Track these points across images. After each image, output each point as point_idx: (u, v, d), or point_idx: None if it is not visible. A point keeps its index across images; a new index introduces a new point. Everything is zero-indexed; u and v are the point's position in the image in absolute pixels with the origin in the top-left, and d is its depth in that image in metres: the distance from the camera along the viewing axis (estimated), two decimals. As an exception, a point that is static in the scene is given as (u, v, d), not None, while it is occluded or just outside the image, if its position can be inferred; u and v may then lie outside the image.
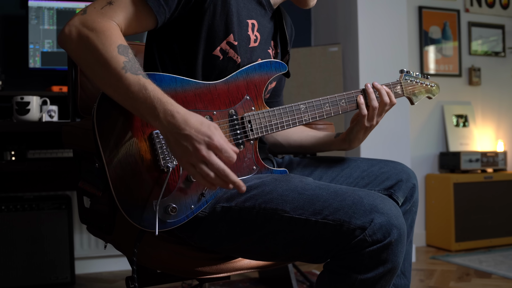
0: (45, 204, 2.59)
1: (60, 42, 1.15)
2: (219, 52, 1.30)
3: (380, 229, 1.08)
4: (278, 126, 1.33)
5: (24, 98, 2.29)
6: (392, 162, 1.51)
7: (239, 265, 1.35)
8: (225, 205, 1.23)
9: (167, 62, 1.32)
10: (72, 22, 1.13)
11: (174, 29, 1.29)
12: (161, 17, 1.20)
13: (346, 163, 1.52)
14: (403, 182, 1.45)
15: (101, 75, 1.11)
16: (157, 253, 1.32)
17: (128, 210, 1.15)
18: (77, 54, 1.13)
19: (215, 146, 1.06)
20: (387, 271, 1.11)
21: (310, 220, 1.13)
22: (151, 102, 1.08)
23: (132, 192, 1.15)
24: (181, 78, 1.22)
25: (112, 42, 1.10)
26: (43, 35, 2.78)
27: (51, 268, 2.59)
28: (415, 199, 1.49)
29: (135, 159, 1.16)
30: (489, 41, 4.15)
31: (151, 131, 1.18)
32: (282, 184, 1.21)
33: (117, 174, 1.14)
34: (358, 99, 1.40)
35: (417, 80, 1.54)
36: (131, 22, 1.18)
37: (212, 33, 1.28)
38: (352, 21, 3.24)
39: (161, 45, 1.33)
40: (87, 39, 1.10)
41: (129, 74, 1.09)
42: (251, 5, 1.36)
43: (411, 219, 1.50)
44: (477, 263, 3.18)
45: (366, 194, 1.14)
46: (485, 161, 3.78)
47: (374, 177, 1.47)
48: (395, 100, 1.43)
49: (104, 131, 1.15)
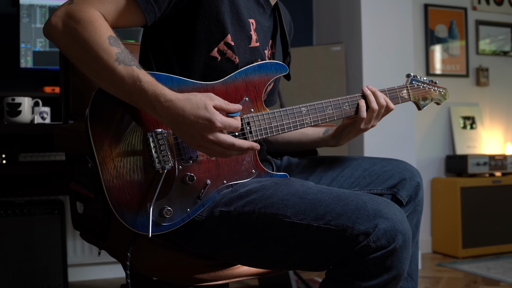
0: (37, 209, 2.58)
1: (46, 33, 1.15)
2: (216, 53, 1.30)
3: (385, 234, 1.08)
4: (278, 128, 1.32)
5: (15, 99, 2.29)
6: (394, 160, 1.51)
7: (238, 272, 1.35)
8: (224, 210, 1.23)
9: (161, 65, 1.32)
10: (58, 12, 1.13)
11: (168, 29, 1.29)
12: (150, 15, 1.20)
13: (347, 162, 1.52)
14: (407, 180, 1.46)
15: (94, 68, 1.11)
16: (153, 259, 1.32)
17: (121, 212, 1.15)
18: (64, 45, 1.13)
19: (218, 127, 1.10)
20: (391, 278, 1.11)
21: (312, 226, 1.13)
22: (145, 94, 1.09)
23: (125, 194, 1.15)
24: (178, 78, 1.22)
25: (102, 34, 1.10)
26: (35, 34, 2.78)
27: (43, 275, 2.59)
28: (420, 198, 1.49)
29: (130, 160, 1.16)
30: (498, 40, 4.15)
31: (146, 132, 1.18)
32: (283, 188, 1.21)
33: (110, 175, 1.14)
34: (360, 102, 1.41)
35: (425, 84, 1.55)
36: (119, 15, 1.18)
37: (209, 33, 1.28)
38: (355, 19, 3.24)
39: (156, 47, 1.33)
40: (75, 31, 1.10)
41: (122, 66, 1.09)
42: (249, 3, 1.36)
43: (417, 219, 1.50)
44: (485, 270, 3.18)
45: (370, 199, 1.14)
46: (493, 165, 3.77)
47: (376, 176, 1.47)
48: (393, 105, 1.44)
49: (98, 131, 1.15)
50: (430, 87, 1.56)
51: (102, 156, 1.14)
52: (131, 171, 1.16)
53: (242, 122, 1.28)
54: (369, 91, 1.42)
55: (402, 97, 1.50)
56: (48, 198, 2.82)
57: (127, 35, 2.85)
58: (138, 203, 1.16)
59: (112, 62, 1.09)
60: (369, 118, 1.41)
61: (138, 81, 1.09)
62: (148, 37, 1.35)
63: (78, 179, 1.21)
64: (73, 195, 1.59)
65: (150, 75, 1.17)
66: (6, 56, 2.94)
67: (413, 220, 1.48)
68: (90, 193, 1.25)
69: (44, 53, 2.80)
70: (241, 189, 1.25)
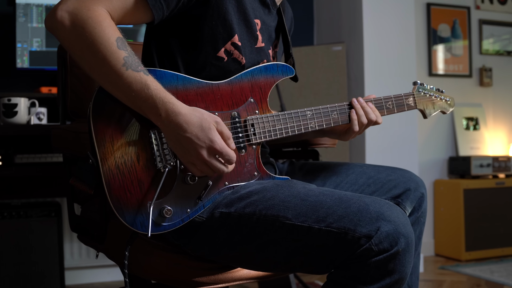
0: (33, 211, 2.58)
1: (49, 27, 1.13)
2: (223, 53, 1.30)
3: (387, 237, 1.08)
4: (282, 131, 1.33)
5: (11, 99, 2.29)
6: (399, 170, 1.51)
7: (238, 275, 1.35)
8: (224, 211, 1.23)
9: (166, 63, 1.32)
10: (65, 6, 1.11)
11: (175, 28, 1.29)
12: (158, 13, 1.20)
13: (351, 169, 1.52)
14: (411, 191, 1.46)
15: (100, 71, 1.11)
16: (151, 261, 1.32)
17: (121, 210, 1.15)
18: (69, 43, 1.12)
19: (217, 150, 1.13)
20: (394, 282, 1.11)
21: (313, 228, 1.13)
22: (153, 101, 1.11)
23: (125, 191, 1.16)
24: (183, 76, 1.23)
25: (110, 35, 1.10)
26: (31, 33, 2.78)
27: (39, 279, 2.59)
28: (424, 210, 1.49)
29: (131, 157, 1.16)
30: (501, 39, 4.16)
31: (149, 129, 1.18)
32: (284, 190, 1.21)
33: (111, 172, 1.14)
34: (351, 114, 1.42)
35: (431, 93, 1.56)
36: (126, 12, 1.17)
37: (216, 33, 1.28)
38: (356, 18, 3.24)
39: (161, 45, 1.33)
40: (82, 30, 1.09)
41: (130, 71, 1.10)
42: (254, 3, 1.37)
43: (419, 230, 1.50)
44: (488, 274, 3.18)
45: (372, 201, 1.14)
46: (497, 166, 3.78)
47: (380, 184, 1.47)
48: (381, 119, 1.46)
49: (100, 126, 1.15)
50: (436, 95, 1.57)
51: (103, 152, 1.14)
52: (132, 169, 1.16)
53: (246, 124, 1.29)
54: (358, 105, 1.43)
55: (408, 105, 1.51)
56: (45, 200, 2.82)
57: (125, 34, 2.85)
58: (138, 202, 1.16)
59: (119, 67, 1.09)
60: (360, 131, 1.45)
61: (146, 88, 1.10)
62: (152, 35, 1.35)
63: (78, 175, 1.21)
64: (70, 196, 1.59)
65: (155, 71, 1.17)
66: (2, 56, 2.94)
67: (415, 232, 1.48)
68: (89, 189, 1.25)
69: (40, 53, 2.80)
70: (242, 190, 1.25)
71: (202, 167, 1.16)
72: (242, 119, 1.29)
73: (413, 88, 1.54)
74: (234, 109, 1.28)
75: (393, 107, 1.48)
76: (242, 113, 1.29)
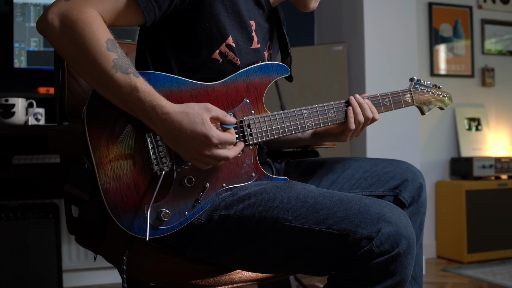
0: (31, 213, 2.58)
1: (40, 29, 1.14)
2: (218, 55, 1.30)
3: (388, 239, 1.08)
4: (279, 131, 1.33)
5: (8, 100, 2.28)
6: (396, 161, 1.52)
7: (237, 277, 1.35)
8: (223, 213, 1.23)
9: (159, 65, 1.32)
10: (55, 9, 1.11)
11: (168, 30, 1.29)
12: (149, 15, 1.19)
13: (348, 164, 1.53)
14: (409, 181, 1.46)
15: (90, 73, 1.11)
16: (150, 264, 1.32)
17: (118, 215, 1.15)
18: (60, 45, 1.12)
19: (214, 144, 1.13)
20: (395, 284, 1.11)
21: (313, 230, 1.13)
22: (142, 104, 1.10)
23: (122, 196, 1.15)
24: (177, 78, 1.22)
25: (100, 37, 1.10)
26: (29, 33, 2.78)
27: (37, 281, 2.58)
28: (423, 199, 1.49)
29: (127, 161, 1.16)
30: (504, 39, 4.16)
31: (144, 133, 1.18)
32: (284, 191, 1.21)
33: (107, 176, 1.14)
34: (348, 111, 1.42)
35: (428, 89, 1.56)
36: (117, 14, 1.17)
37: (210, 35, 1.28)
38: (357, 18, 3.24)
39: (154, 47, 1.32)
40: (73, 32, 1.09)
41: (119, 74, 1.09)
42: (249, 4, 1.36)
43: (420, 220, 1.50)
44: (490, 276, 3.18)
45: (373, 202, 1.14)
46: (499, 167, 3.78)
47: (377, 177, 1.48)
48: (378, 115, 1.45)
49: (94, 130, 1.15)
50: (434, 91, 1.57)
51: (98, 156, 1.14)
52: (129, 173, 1.16)
53: (243, 124, 1.29)
54: (356, 103, 1.43)
55: (405, 101, 1.51)
56: (43, 202, 2.82)
57: (123, 34, 2.85)
58: (135, 206, 1.16)
59: (109, 69, 1.09)
60: (357, 130, 1.44)
61: (136, 90, 1.10)
62: (145, 37, 1.35)
63: (73, 181, 1.21)
64: (68, 198, 1.58)
65: (149, 74, 1.16)
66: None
67: (416, 222, 1.49)
68: (84, 195, 1.24)
69: (38, 52, 2.80)
70: (241, 192, 1.25)
71: (206, 160, 1.16)
72: (238, 120, 1.29)
73: (410, 84, 1.55)
74: (230, 110, 1.28)
75: (390, 104, 1.49)
76: (238, 114, 1.29)
